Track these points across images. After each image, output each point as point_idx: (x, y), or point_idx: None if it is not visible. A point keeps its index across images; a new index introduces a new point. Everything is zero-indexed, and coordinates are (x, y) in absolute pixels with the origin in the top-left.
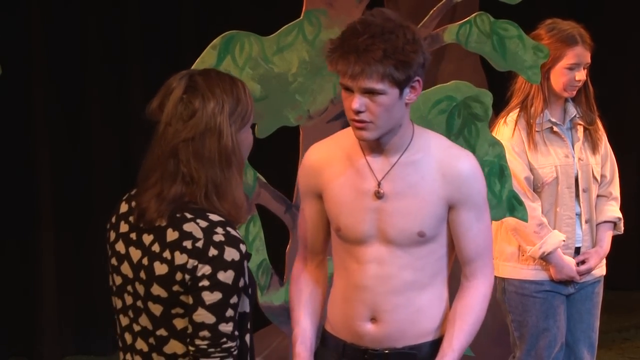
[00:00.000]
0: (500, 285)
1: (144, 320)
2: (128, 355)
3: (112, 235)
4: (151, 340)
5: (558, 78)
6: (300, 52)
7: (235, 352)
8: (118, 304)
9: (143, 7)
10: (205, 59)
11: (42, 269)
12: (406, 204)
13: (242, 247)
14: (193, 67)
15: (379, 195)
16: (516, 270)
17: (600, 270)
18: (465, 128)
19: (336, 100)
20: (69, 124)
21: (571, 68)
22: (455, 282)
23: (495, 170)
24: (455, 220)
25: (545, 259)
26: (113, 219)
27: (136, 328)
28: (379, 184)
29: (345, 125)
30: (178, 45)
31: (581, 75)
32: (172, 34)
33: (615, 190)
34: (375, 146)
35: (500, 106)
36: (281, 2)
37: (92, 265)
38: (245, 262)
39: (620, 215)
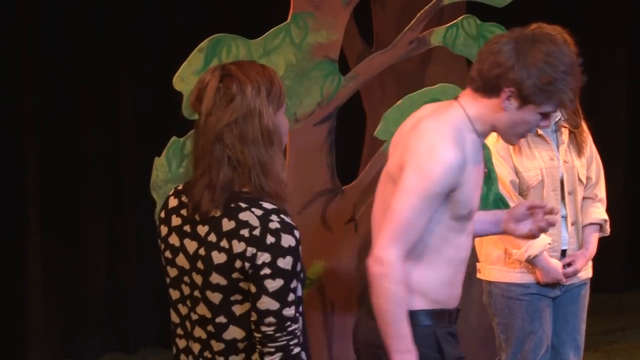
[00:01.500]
0: (487, 288)
1: (201, 309)
2: (189, 342)
3: (164, 229)
4: (210, 327)
5: None
6: (287, 55)
7: (299, 334)
8: (175, 295)
9: (132, 9)
10: (192, 62)
11: (29, 272)
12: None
13: (297, 233)
14: (180, 70)
15: (485, 174)
16: (502, 273)
17: (587, 273)
18: None
19: (323, 103)
20: (57, 125)
21: None
22: None
23: None
24: None
25: (532, 262)
26: (162, 214)
27: (194, 317)
28: (486, 164)
29: (332, 129)
30: (167, 47)
31: None
32: (161, 36)
33: (601, 192)
34: (488, 132)
35: None
36: (268, 6)
37: (79, 269)
38: (300, 247)
39: (606, 217)
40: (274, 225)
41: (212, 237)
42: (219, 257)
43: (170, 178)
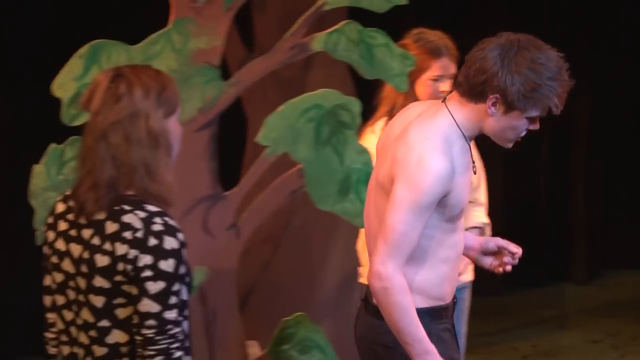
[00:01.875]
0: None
1: (85, 314)
2: (74, 348)
3: (51, 235)
4: (92, 332)
5: (423, 89)
6: (168, 61)
7: (180, 338)
8: (60, 300)
9: (10, 13)
10: (72, 68)
11: None
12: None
13: (181, 236)
14: (59, 76)
15: (474, 171)
16: None
17: (467, 276)
18: (333, 136)
19: (204, 109)
20: None
21: (436, 79)
22: None
23: (363, 178)
24: None
25: None
26: (50, 220)
27: (79, 322)
28: (474, 163)
29: (213, 135)
30: (46, 53)
31: (446, 86)
32: (40, 42)
33: (482, 196)
34: (475, 135)
35: (368, 114)
36: (148, 11)
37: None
38: (184, 251)
39: (487, 221)
40: (157, 227)
41: (96, 240)
42: (102, 260)
43: (50, 185)
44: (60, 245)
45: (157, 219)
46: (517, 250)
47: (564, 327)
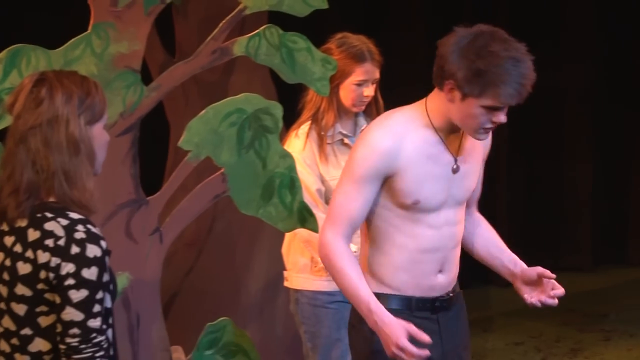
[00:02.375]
0: (294, 297)
1: (6, 322)
2: None
3: None
4: (14, 341)
5: (347, 93)
6: (88, 66)
7: (105, 346)
8: None
9: None
10: None
11: None
12: (469, 168)
13: (103, 244)
14: None
15: (455, 170)
16: (309, 281)
17: None
18: (256, 140)
19: (125, 114)
20: None
21: (359, 84)
22: None
23: (286, 182)
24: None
25: None
26: None
27: None
28: (455, 160)
29: (135, 140)
30: None
31: (369, 91)
32: None
33: None
34: (455, 128)
35: (290, 118)
36: (69, 15)
37: None
38: (107, 258)
39: None
40: (80, 235)
41: (18, 248)
42: (24, 268)
43: None
44: None
45: (80, 227)
46: (553, 276)
47: (487, 329)
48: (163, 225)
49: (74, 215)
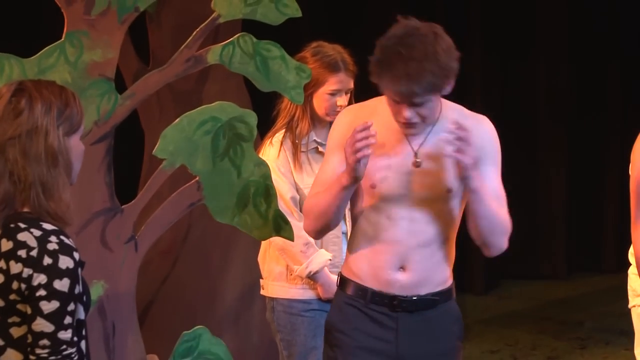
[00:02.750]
0: (270, 305)
1: None
2: None
3: None
4: None
5: (320, 102)
6: (62, 74)
7: (75, 358)
8: None
9: None
10: None
11: None
12: (437, 166)
13: (76, 255)
14: None
15: (416, 164)
16: (284, 289)
17: None
18: (230, 148)
19: (100, 122)
20: None
21: (333, 94)
22: None
23: (261, 191)
24: (480, 173)
25: (312, 278)
26: None
27: None
28: (416, 154)
29: (109, 148)
30: None
31: (343, 100)
32: None
33: None
34: None
35: (264, 127)
36: (42, 24)
37: None
38: (79, 270)
39: None
40: (52, 246)
41: None
42: None
43: None
44: None
45: (53, 238)
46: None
47: (463, 337)
48: (138, 233)
49: (48, 226)
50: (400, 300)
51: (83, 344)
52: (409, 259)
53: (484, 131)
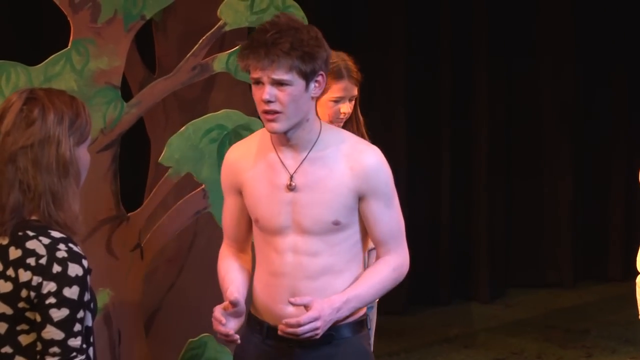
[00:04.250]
0: None
1: None
2: None
3: None
4: None
5: (324, 110)
6: (68, 82)
7: None
8: None
9: None
10: None
11: None
12: (318, 196)
13: (85, 263)
14: None
15: (291, 188)
16: None
17: None
18: None
19: (106, 130)
20: None
21: (336, 101)
22: None
23: None
24: (367, 210)
25: None
26: None
27: None
28: (290, 178)
29: (115, 156)
30: None
31: (346, 108)
32: None
33: None
34: (286, 142)
35: None
36: (48, 32)
37: None
38: (88, 277)
39: None
40: (61, 254)
41: None
42: (4, 286)
43: None
44: None
45: (62, 246)
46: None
47: (468, 346)
48: (144, 241)
49: (56, 234)
50: (287, 336)
51: (91, 350)
52: (299, 292)
53: (367, 164)
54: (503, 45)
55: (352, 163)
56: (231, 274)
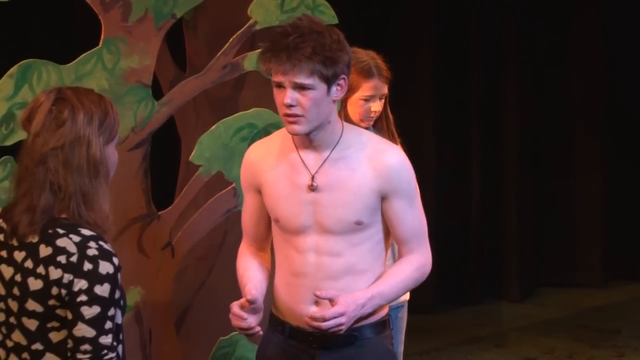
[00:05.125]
0: None
1: (17, 336)
2: None
3: None
4: (25, 355)
5: (354, 108)
6: (99, 81)
7: None
8: None
9: None
10: (2, 88)
11: None
12: (340, 196)
13: (115, 260)
14: None
15: (312, 188)
16: None
17: (404, 295)
18: None
19: (137, 128)
20: None
21: (367, 99)
22: None
23: None
24: (390, 210)
25: None
26: None
27: (9, 344)
28: (312, 178)
29: (146, 154)
30: None
31: (377, 106)
32: None
33: None
34: (307, 142)
35: None
36: (79, 30)
37: None
38: (119, 275)
39: None
40: (92, 252)
41: (29, 264)
42: (35, 284)
43: None
44: None
45: (92, 243)
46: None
47: (499, 345)
48: (175, 239)
49: (86, 232)
50: (316, 336)
51: (120, 348)
52: None
53: (389, 164)
54: (533, 44)
55: (375, 163)
56: (250, 272)
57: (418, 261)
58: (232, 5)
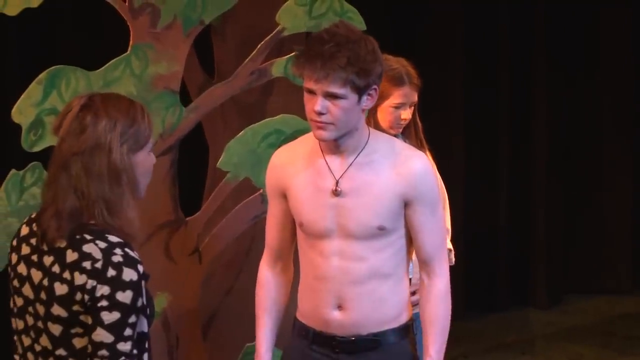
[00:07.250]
0: None
1: (44, 341)
2: None
3: (14, 257)
4: (51, 359)
5: (384, 116)
6: (127, 87)
7: None
8: (19, 325)
9: None
10: (31, 94)
11: None
12: (364, 201)
13: (140, 268)
14: (18, 102)
15: (336, 193)
16: None
17: None
18: None
19: (165, 135)
20: None
21: (397, 107)
22: None
23: None
24: (412, 216)
25: None
26: (14, 242)
27: (37, 348)
28: (336, 183)
29: (174, 161)
30: (3, 79)
31: (407, 114)
32: None
33: (446, 222)
34: (334, 147)
35: None
36: (107, 37)
37: None
38: (143, 283)
39: (451, 247)
40: (117, 258)
41: (56, 268)
42: (60, 289)
43: (10, 211)
44: (22, 269)
45: (118, 250)
46: None
47: (526, 352)
48: (202, 245)
49: (113, 239)
50: (339, 340)
51: (146, 356)
52: (345, 297)
53: (414, 170)
54: (562, 55)
55: (399, 168)
56: (265, 318)
57: (444, 288)
58: (260, 12)
